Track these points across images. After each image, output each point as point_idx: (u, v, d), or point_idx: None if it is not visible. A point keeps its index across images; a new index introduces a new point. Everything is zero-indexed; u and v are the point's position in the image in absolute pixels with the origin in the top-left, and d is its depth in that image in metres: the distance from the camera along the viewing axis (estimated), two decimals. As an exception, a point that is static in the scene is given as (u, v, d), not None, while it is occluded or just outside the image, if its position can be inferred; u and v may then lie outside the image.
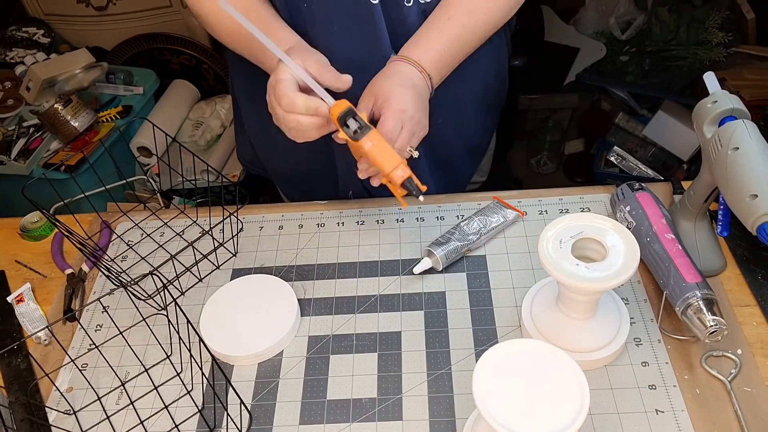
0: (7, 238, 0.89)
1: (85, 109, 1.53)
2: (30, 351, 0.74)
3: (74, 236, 0.78)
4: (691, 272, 0.64)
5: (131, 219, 0.89)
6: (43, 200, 0.81)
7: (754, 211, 0.57)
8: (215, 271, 0.80)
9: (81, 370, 0.71)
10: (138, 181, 1.44)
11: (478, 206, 0.83)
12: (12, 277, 0.84)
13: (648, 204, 0.72)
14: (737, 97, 0.65)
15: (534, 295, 0.70)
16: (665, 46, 1.65)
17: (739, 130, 0.62)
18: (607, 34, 1.75)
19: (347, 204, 0.88)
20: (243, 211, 0.86)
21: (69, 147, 1.53)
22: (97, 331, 0.75)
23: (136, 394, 0.68)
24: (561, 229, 0.62)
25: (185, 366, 0.69)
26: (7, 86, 1.68)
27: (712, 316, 0.60)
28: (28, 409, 0.68)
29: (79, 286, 0.80)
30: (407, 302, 0.74)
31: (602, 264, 0.58)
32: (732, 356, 0.64)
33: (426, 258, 0.75)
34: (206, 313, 0.73)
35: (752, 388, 0.62)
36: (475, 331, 0.70)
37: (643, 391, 0.63)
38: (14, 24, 1.82)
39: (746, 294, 0.70)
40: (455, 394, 0.64)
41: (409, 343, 0.69)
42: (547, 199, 0.84)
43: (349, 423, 0.63)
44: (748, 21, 1.59)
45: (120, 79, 1.70)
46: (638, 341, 0.67)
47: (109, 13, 1.83)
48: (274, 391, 0.67)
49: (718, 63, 1.59)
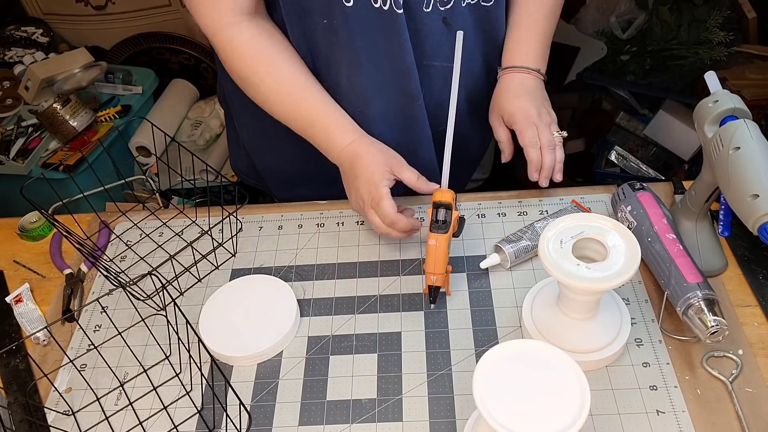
0: (6, 238, 0.88)
1: (84, 108, 1.53)
2: (29, 351, 0.74)
3: (73, 236, 0.78)
4: (692, 272, 0.64)
5: (130, 219, 0.89)
6: (41, 200, 0.81)
7: (756, 211, 0.57)
8: (214, 271, 0.80)
9: (80, 371, 0.70)
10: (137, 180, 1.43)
11: (560, 202, 0.83)
12: (10, 278, 0.83)
13: (649, 204, 0.72)
14: (738, 97, 0.65)
15: (534, 295, 0.69)
16: (666, 46, 1.65)
17: (741, 130, 0.61)
18: (608, 34, 1.75)
19: (347, 204, 0.87)
20: (242, 211, 0.86)
21: (68, 147, 1.53)
22: (96, 332, 0.75)
23: (135, 395, 0.68)
24: (562, 229, 0.61)
25: (184, 366, 0.69)
26: (6, 86, 1.68)
27: (713, 316, 0.60)
28: (27, 409, 0.67)
29: (78, 286, 0.80)
30: (407, 302, 0.73)
31: (603, 264, 0.58)
32: (733, 357, 0.64)
33: (494, 254, 0.75)
34: (205, 313, 0.73)
35: (753, 389, 0.61)
36: (475, 331, 0.70)
37: (644, 391, 0.62)
38: (13, 23, 1.82)
39: (747, 294, 0.70)
40: (455, 395, 0.64)
41: (409, 344, 0.69)
42: (548, 199, 0.84)
43: (348, 424, 0.63)
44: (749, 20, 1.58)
45: (119, 78, 1.69)
46: (639, 342, 0.66)
47: (107, 13, 1.82)
48: (273, 392, 0.67)
49: (720, 62, 1.59)
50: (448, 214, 0.70)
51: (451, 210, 0.70)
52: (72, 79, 1.61)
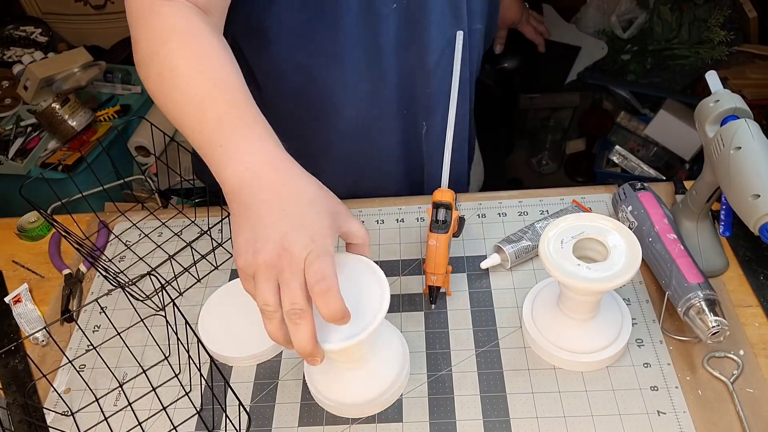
0: (5, 238, 0.88)
1: (83, 108, 1.53)
2: (27, 352, 0.73)
3: (72, 236, 0.77)
4: (693, 272, 0.64)
5: (129, 219, 0.88)
6: (40, 200, 0.81)
7: (757, 211, 0.56)
8: (214, 271, 0.80)
9: (79, 371, 0.70)
10: (136, 180, 1.43)
11: (560, 202, 0.82)
12: (9, 278, 0.83)
13: (650, 204, 0.71)
14: (739, 97, 0.65)
15: (535, 295, 0.69)
16: (667, 45, 1.65)
17: (742, 130, 0.61)
18: (609, 33, 1.74)
19: (347, 204, 0.87)
20: (242, 210, 0.86)
21: (66, 146, 1.53)
22: (95, 332, 0.75)
23: (134, 396, 0.68)
24: (562, 229, 0.61)
25: (183, 367, 0.69)
26: (5, 85, 1.68)
27: (714, 316, 0.60)
28: (26, 410, 0.67)
29: (77, 286, 0.80)
30: (407, 303, 0.73)
31: (604, 264, 0.58)
32: (734, 357, 0.63)
33: (494, 254, 0.74)
34: (205, 313, 0.73)
35: (754, 390, 0.61)
36: (475, 331, 0.69)
37: (644, 392, 0.62)
38: (12, 23, 1.82)
39: (748, 294, 0.70)
40: (455, 395, 0.64)
41: (409, 344, 0.69)
42: (548, 199, 0.83)
43: (348, 425, 0.63)
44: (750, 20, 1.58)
45: (118, 78, 1.69)
46: (640, 342, 0.66)
47: (107, 12, 1.82)
48: (273, 393, 0.66)
49: (721, 62, 1.59)
50: (448, 214, 0.70)
51: (451, 210, 0.70)
52: (71, 79, 1.60)
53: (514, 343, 0.68)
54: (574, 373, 0.64)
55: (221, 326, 0.71)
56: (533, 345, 0.66)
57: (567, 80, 1.79)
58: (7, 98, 1.65)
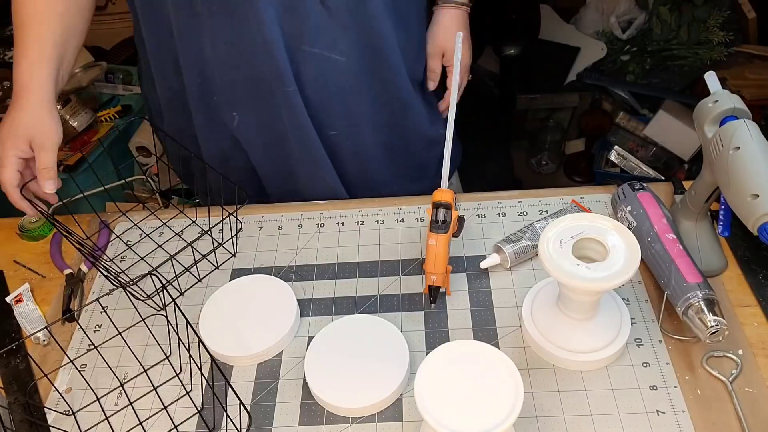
0: (6, 238, 0.88)
1: (84, 108, 1.53)
2: (29, 351, 0.74)
3: (73, 236, 0.78)
4: (692, 272, 0.64)
5: (130, 219, 0.89)
6: (41, 200, 0.81)
7: (755, 211, 0.57)
8: (214, 271, 0.80)
9: (80, 371, 0.70)
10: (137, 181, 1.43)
11: (560, 202, 0.83)
12: (11, 277, 0.83)
13: (649, 204, 0.72)
14: (738, 97, 0.65)
15: (534, 295, 0.69)
16: (666, 46, 1.65)
17: (740, 130, 0.61)
18: (608, 34, 1.75)
19: (347, 204, 0.87)
20: (242, 211, 0.86)
21: (68, 147, 1.53)
22: (96, 332, 0.75)
23: (135, 395, 0.68)
24: (562, 229, 0.61)
25: (184, 367, 0.69)
26: (6, 86, 1.68)
27: (713, 316, 0.60)
28: (27, 409, 0.67)
29: (78, 286, 0.80)
30: (407, 302, 0.73)
31: (603, 264, 0.58)
32: (733, 357, 0.64)
33: (494, 254, 0.75)
34: (205, 313, 0.73)
35: (753, 389, 0.61)
36: (475, 331, 0.70)
37: (644, 391, 0.62)
38: (13, 23, 1.81)
39: (747, 294, 0.70)
40: (455, 395, 0.64)
41: (409, 344, 0.69)
42: (548, 199, 0.84)
43: (348, 424, 0.63)
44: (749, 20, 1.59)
45: (119, 78, 1.69)
46: (639, 342, 0.66)
47: (107, 13, 1.82)
48: (273, 392, 0.67)
49: (719, 62, 1.59)
50: (447, 214, 0.70)
51: (451, 210, 0.70)
52: (72, 79, 1.60)
53: (514, 343, 0.68)
54: (574, 372, 0.65)
55: (222, 326, 0.71)
56: (533, 344, 0.67)
57: (566, 81, 1.80)
58: (8, 99, 1.64)
